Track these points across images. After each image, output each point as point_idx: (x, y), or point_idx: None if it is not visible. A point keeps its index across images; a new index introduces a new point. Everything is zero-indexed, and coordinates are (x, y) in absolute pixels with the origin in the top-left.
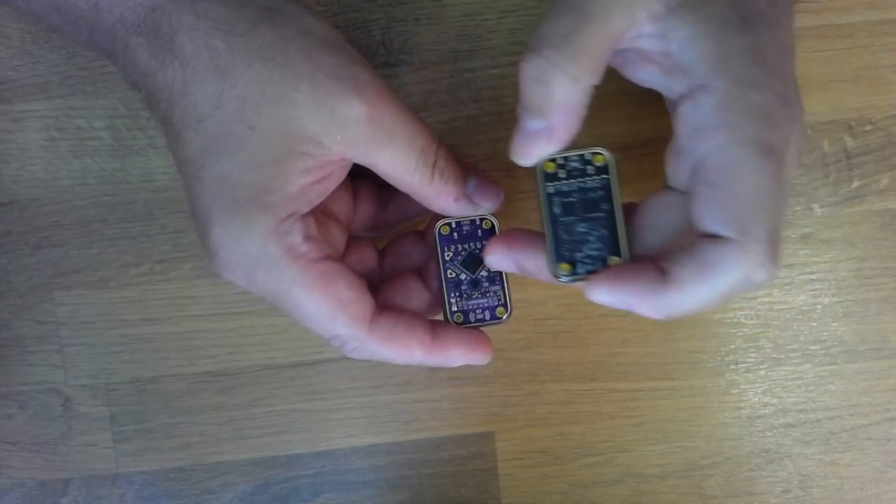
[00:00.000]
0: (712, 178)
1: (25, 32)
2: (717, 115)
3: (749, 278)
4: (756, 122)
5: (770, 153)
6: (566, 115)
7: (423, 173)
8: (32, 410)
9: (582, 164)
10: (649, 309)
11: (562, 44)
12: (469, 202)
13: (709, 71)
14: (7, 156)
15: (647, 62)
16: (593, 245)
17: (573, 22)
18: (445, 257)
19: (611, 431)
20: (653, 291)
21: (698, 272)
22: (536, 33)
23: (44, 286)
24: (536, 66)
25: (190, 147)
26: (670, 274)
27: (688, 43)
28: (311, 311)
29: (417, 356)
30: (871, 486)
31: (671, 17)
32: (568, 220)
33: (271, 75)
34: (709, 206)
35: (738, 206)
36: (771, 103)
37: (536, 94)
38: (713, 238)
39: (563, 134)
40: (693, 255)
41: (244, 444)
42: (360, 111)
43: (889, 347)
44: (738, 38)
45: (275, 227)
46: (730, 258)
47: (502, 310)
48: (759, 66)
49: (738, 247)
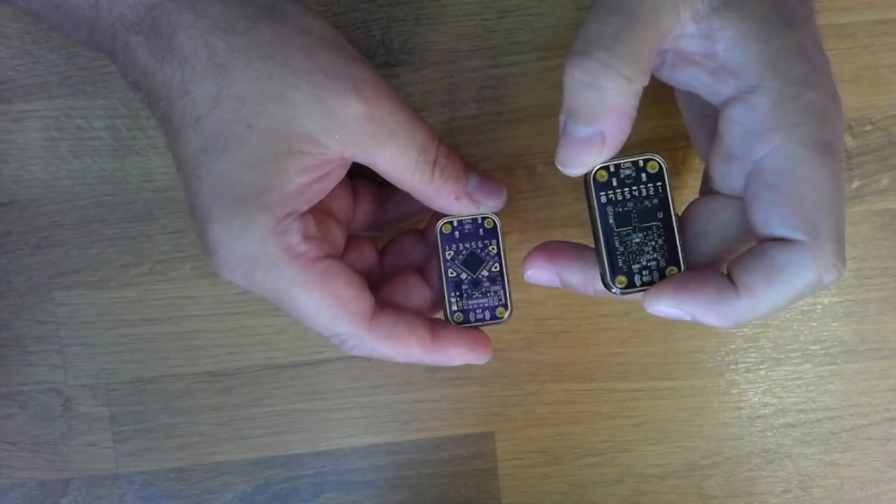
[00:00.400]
0: (774, 181)
1: (25, 32)
2: (772, 116)
3: (821, 280)
4: (812, 120)
5: (829, 151)
6: (620, 120)
7: (423, 171)
8: (32, 410)
9: (635, 171)
10: (718, 318)
11: (613, 44)
12: (470, 201)
13: (760, 71)
14: (7, 156)
15: (689, 64)
16: (650, 256)
17: (622, 22)
18: (446, 256)
19: (611, 431)
20: (722, 300)
21: (769, 277)
22: (582, 36)
23: (44, 286)
24: (587, 68)
25: (189, 146)
26: (739, 281)
27: (735, 43)
28: (310, 309)
29: (417, 354)
30: (871, 486)
31: (715, 17)
32: (623, 230)
33: (270, 74)
34: (773, 209)
35: (806, 206)
36: (824, 100)
37: (587, 98)
38: (781, 241)
39: (617, 139)
40: (762, 261)
41: (244, 444)
42: (358, 109)
43: (889, 347)
44: (784, 37)
45: (274, 226)
46: (802, 261)
47: (502, 310)
48: (807, 63)
49: (809, 249)
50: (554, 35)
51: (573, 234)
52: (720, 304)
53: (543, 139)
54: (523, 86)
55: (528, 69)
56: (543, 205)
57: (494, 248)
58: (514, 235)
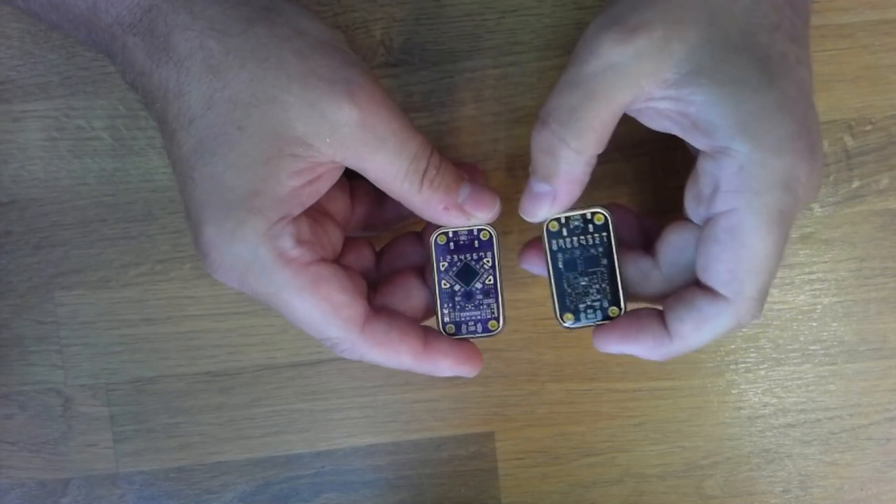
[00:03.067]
0: (721, 237)
1: (25, 32)
2: (737, 181)
3: (740, 326)
4: (774, 189)
5: (782, 221)
6: (569, 184)
7: (412, 181)
8: (32, 410)
9: (583, 223)
10: (653, 356)
11: (567, 119)
12: (460, 212)
13: (731, 134)
14: (7, 156)
15: (664, 118)
16: (594, 297)
17: (578, 99)
18: (440, 267)
19: (611, 431)
20: (658, 345)
21: (697, 326)
22: (546, 105)
23: (44, 286)
24: (544, 137)
25: (183, 147)
26: (673, 329)
27: (706, 107)
28: (303, 314)
29: (407, 362)
30: (871, 486)
31: (684, 83)
32: (570, 274)
33: (264, 76)
34: (712, 262)
35: (740, 270)
36: (792, 166)
37: (543, 162)
38: (711, 293)
39: (566, 199)
40: (692, 311)
41: (244, 444)
42: (350, 115)
43: (889, 347)
44: (761, 98)
45: (266, 230)
46: (724, 314)
47: (495, 323)
48: (783, 126)
49: (731, 304)
50: (554, 35)
51: None
52: (657, 348)
53: None
54: (523, 86)
55: (528, 69)
56: None
57: (489, 261)
58: (514, 235)
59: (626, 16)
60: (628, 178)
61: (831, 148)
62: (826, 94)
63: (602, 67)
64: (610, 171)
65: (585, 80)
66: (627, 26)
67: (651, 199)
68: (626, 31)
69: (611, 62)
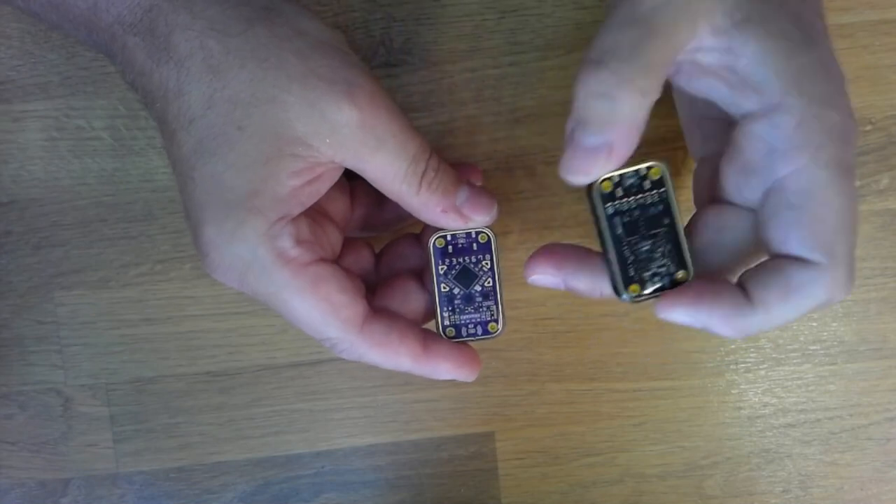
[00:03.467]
0: (796, 201)
1: (25, 32)
2: (797, 136)
3: (832, 299)
4: (835, 141)
5: (849, 173)
6: (629, 132)
7: (410, 183)
8: (32, 410)
9: (638, 180)
10: (730, 330)
11: (629, 56)
12: (458, 215)
13: (784, 89)
14: (7, 156)
15: (707, 75)
16: (660, 262)
17: (639, 34)
18: (439, 271)
19: (611, 431)
20: (736, 313)
21: (786, 295)
22: (598, 45)
23: (44, 286)
24: (602, 79)
25: (183, 147)
26: (755, 296)
27: (757, 59)
28: (302, 314)
29: (406, 364)
30: (871, 486)
31: (736, 32)
32: (632, 239)
33: (264, 76)
34: (793, 229)
35: (826, 230)
36: (845, 120)
37: (600, 108)
38: (798, 261)
39: (625, 151)
40: (779, 278)
41: (244, 444)
42: (350, 116)
43: (889, 347)
44: (807, 54)
45: (266, 230)
46: (818, 282)
47: (495, 325)
48: (829, 82)
49: (826, 271)
50: (554, 35)
51: (573, 233)
52: (735, 318)
53: (543, 139)
54: (523, 86)
55: (528, 69)
56: (543, 205)
57: (488, 263)
58: (514, 235)
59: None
60: None
61: None
62: None
63: (659, 2)
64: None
65: (645, 16)
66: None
67: None
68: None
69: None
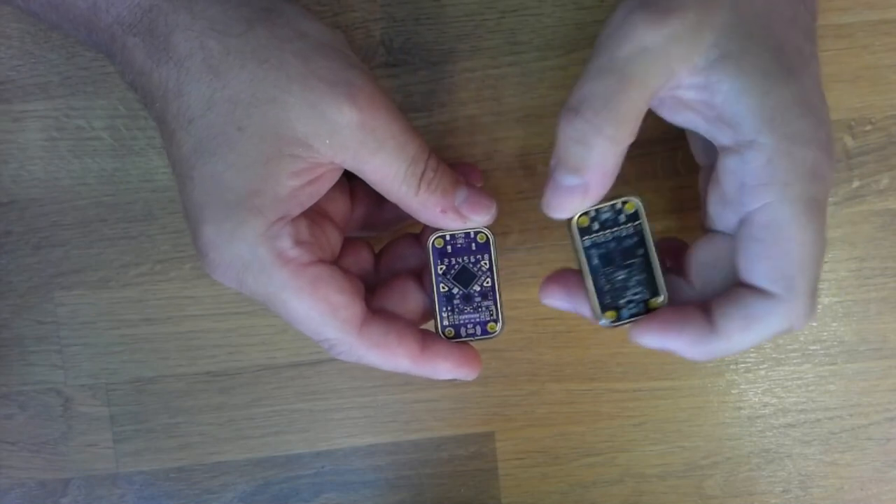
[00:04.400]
0: (761, 235)
1: (25, 32)
2: (766, 173)
3: (791, 328)
4: (804, 179)
5: (817, 209)
6: (603, 175)
7: (409, 184)
8: (32, 410)
9: (614, 213)
10: (694, 353)
11: (602, 107)
12: (457, 215)
13: (757, 126)
14: (7, 156)
15: (687, 109)
16: (634, 290)
17: (613, 85)
18: (438, 271)
19: (611, 431)
20: (700, 340)
21: (746, 325)
22: (576, 93)
23: (44, 286)
24: (577, 127)
25: (182, 147)
26: (717, 325)
27: (733, 96)
28: (300, 314)
29: (405, 365)
30: (871, 486)
31: (712, 70)
32: (608, 269)
33: (264, 77)
34: (756, 262)
35: (787, 264)
36: (817, 156)
37: (575, 153)
38: (759, 292)
39: (598, 191)
40: (740, 308)
41: (244, 444)
42: (350, 117)
43: (889, 347)
44: (784, 89)
45: (265, 230)
46: (775, 313)
47: (494, 325)
48: (805, 118)
49: (784, 303)
50: (554, 35)
51: None
52: (699, 344)
53: (543, 139)
54: (523, 86)
55: (528, 69)
56: None
57: (487, 263)
58: (514, 235)
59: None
60: (630, 178)
61: None
62: (826, 94)
63: (636, 51)
64: None
65: (619, 65)
66: (660, 8)
67: (652, 200)
68: (660, 14)
69: (644, 45)
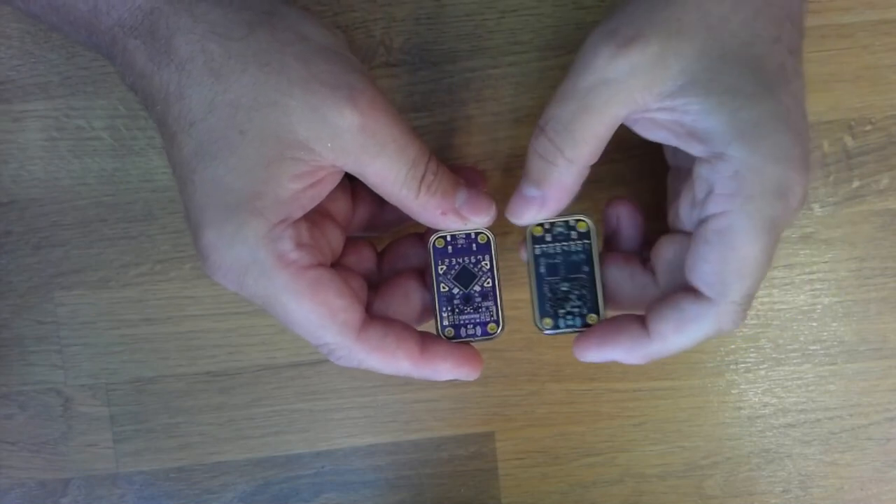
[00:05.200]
0: (711, 238)
1: (25, 32)
2: (731, 184)
3: (720, 331)
4: (768, 196)
5: (772, 228)
6: (559, 191)
7: (410, 186)
8: (32, 410)
9: (566, 229)
10: (631, 358)
11: (562, 130)
12: (457, 216)
13: (727, 140)
14: (7, 156)
15: (660, 128)
16: (574, 303)
17: (573, 111)
18: (439, 271)
19: (611, 431)
20: (637, 346)
21: (679, 327)
22: (544, 114)
23: (44, 286)
24: (540, 143)
25: (183, 150)
26: (653, 328)
27: (702, 116)
28: (300, 318)
29: (405, 368)
30: (871, 486)
31: (681, 94)
32: (552, 279)
33: (266, 80)
34: (700, 263)
35: (726, 272)
36: (786, 175)
37: (538, 167)
38: (693, 293)
39: (554, 206)
40: (675, 311)
41: (244, 444)
42: (352, 120)
43: (889, 347)
44: (759, 106)
45: (266, 233)
46: (706, 316)
47: (494, 325)
48: (781, 133)
49: (714, 306)
50: (554, 35)
51: None
52: (636, 349)
53: None
54: (523, 86)
55: (528, 69)
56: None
57: (487, 264)
58: (514, 235)
59: (623, 27)
60: (627, 177)
61: (831, 148)
62: (826, 94)
63: (596, 82)
64: (609, 171)
65: (580, 94)
66: (623, 39)
67: (649, 199)
68: (621, 45)
69: (605, 77)
